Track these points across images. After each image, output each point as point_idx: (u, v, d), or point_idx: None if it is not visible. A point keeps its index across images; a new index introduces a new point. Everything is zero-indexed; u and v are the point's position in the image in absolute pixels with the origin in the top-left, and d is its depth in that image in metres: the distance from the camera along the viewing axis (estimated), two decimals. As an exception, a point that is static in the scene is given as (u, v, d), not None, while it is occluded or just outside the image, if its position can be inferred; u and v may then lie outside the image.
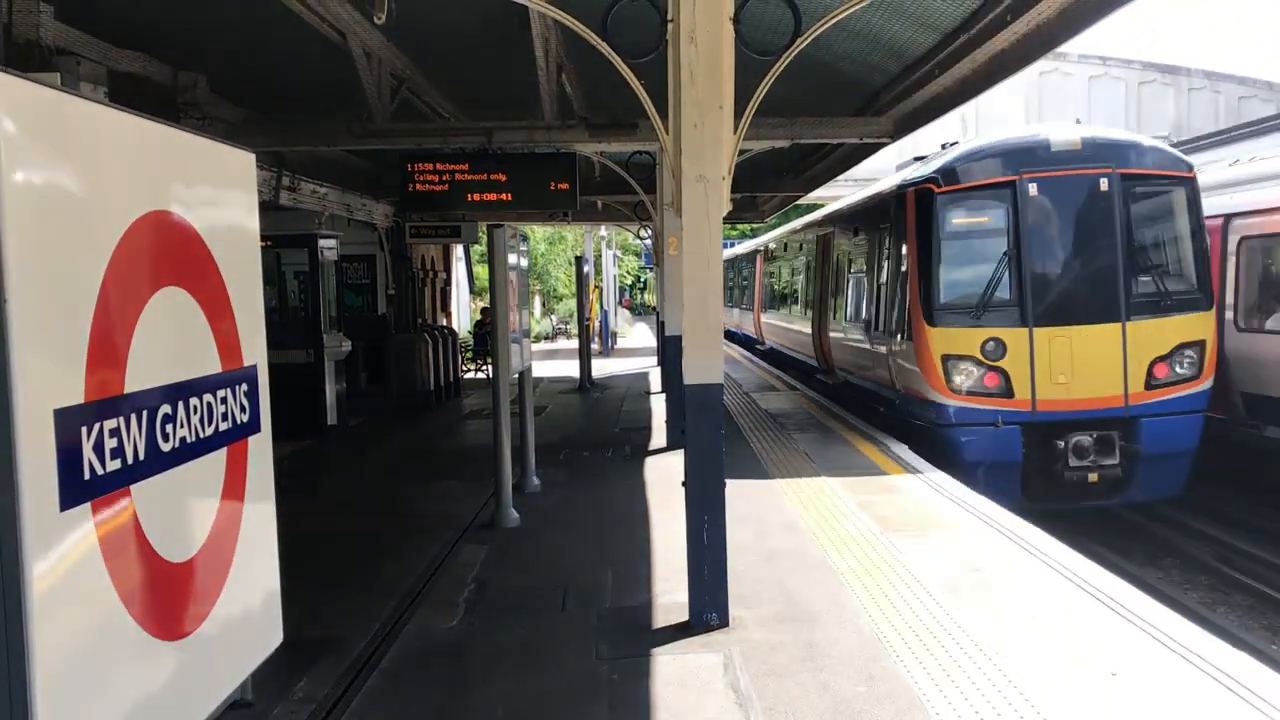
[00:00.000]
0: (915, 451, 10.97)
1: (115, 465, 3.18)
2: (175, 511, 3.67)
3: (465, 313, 33.93)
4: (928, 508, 8.47)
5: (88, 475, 3.02)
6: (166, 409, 3.57)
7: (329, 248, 14.65)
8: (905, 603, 6.06)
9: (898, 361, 12.13)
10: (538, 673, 5.38)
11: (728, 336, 29.66)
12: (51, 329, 2.93)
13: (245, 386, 4.34)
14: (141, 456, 3.36)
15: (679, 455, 6.67)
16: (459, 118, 13.28)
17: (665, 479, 10.04)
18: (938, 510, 8.38)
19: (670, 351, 13.44)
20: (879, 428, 12.66)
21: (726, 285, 33.83)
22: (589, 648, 5.66)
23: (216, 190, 4.32)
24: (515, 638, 5.90)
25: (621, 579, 6.90)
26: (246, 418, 4.33)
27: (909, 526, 7.85)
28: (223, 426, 4.07)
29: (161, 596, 3.52)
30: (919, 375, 11.31)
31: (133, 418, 3.31)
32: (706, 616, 5.81)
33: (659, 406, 15.88)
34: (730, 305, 33.75)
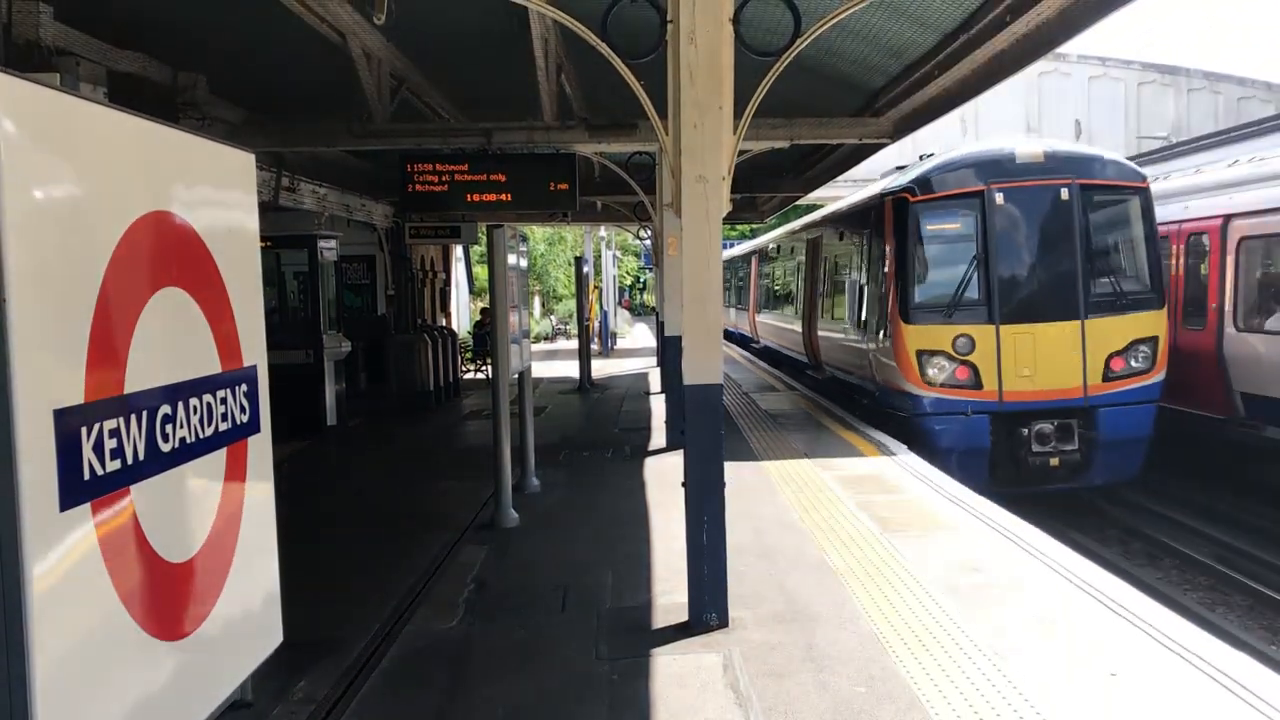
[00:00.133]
0: (895, 438, 11.69)
1: (115, 465, 3.18)
2: (175, 512, 3.67)
3: (465, 313, 33.93)
4: (927, 507, 8.47)
5: (87, 475, 3.02)
6: (166, 409, 3.57)
7: (328, 248, 14.65)
8: (905, 603, 6.06)
9: (878, 357, 12.93)
10: (537, 673, 5.38)
11: (724, 335, 29.90)
12: (51, 329, 2.93)
13: (245, 387, 4.34)
14: (141, 457, 3.36)
15: (678, 456, 6.67)
16: (458, 118, 13.28)
17: (665, 479, 10.04)
18: (937, 510, 8.38)
19: (670, 352, 13.44)
20: (862, 419, 13.39)
21: (724, 286, 34.03)
22: (589, 648, 5.66)
23: (216, 191, 4.32)
24: (515, 638, 5.90)
25: (621, 579, 6.90)
26: (246, 418, 4.34)
27: (909, 527, 7.85)
28: (222, 427, 4.08)
29: (161, 597, 3.52)
30: (896, 370, 12.16)
31: (132, 418, 3.31)
32: (706, 617, 5.81)
33: (658, 407, 15.89)
34: (727, 305, 33.92)
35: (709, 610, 5.81)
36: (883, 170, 19.35)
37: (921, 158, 14.38)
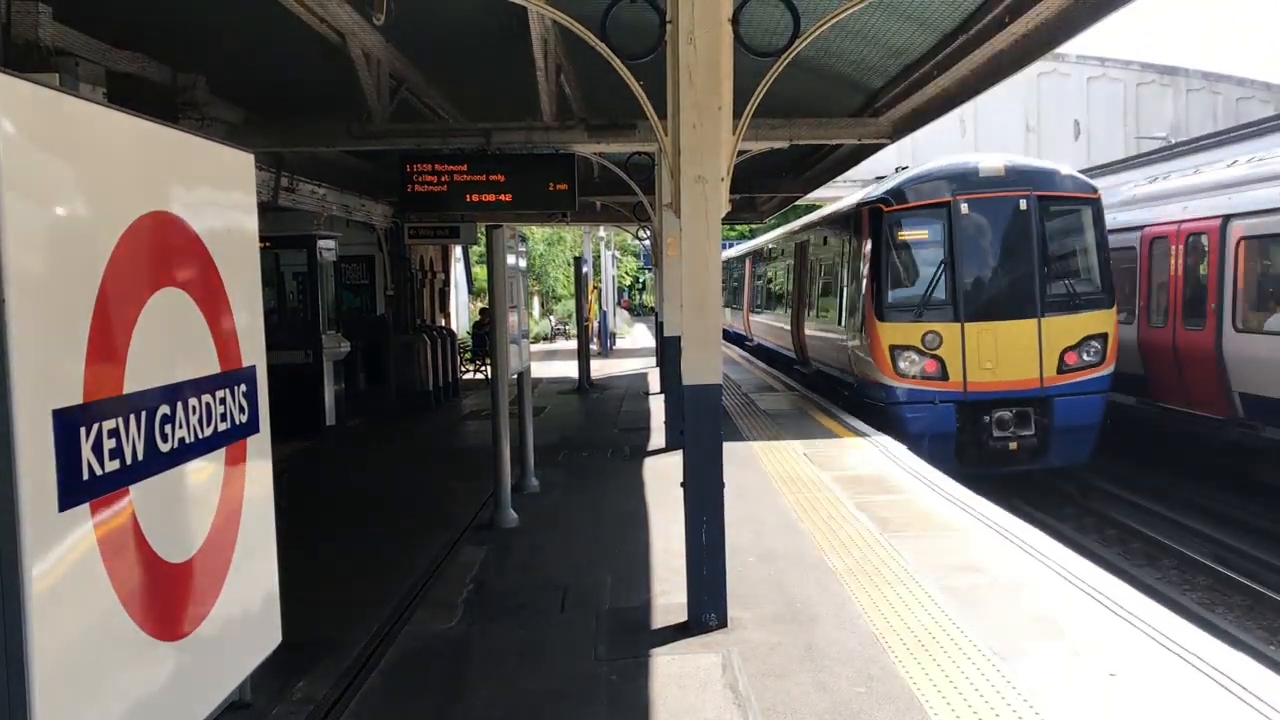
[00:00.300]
0: (872, 426, 12.84)
1: (114, 466, 3.18)
2: (174, 512, 3.67)
3: (464, 313, 33.93)
4: (927, 508, 8.48)
5: (86, 476, 3.02)
6: (165, 409, 3.57)
7: (328, 248, 14.65)
8: (904, 603, 6.06)
9: (856, 352, 14.18)
10: (536, 673, 5.38)
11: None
12: (50, 329, 2.93)
13: (244, 387, 4.34)
14: (140, 457, 3.36)
15: (678, 456, 6.67)
16: (458, 118, 13.28)
17: (664, 480, 10.04)
18: (936, 511, 8.38)
19: (669, 352, 13.44)
20: (843, 408, 14.62)
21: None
22: (588, 648, 5.66)
23: (215, 191, 4.32)
24: (514, 638, 5.90)
25: (620, 580, 6.90)
26: (245, 418, 4.33)
27: (908, 527, 7.85)
28: (221, 427, 4.08)
29: (160, 597, 3.52)
30: (872, 363, 13.38)
31: (131, 418, 3.31)
32: (705, 617, 5.81)
33: (658, 407, 15.87)
34: (723, 305, 34.12)
35: (708, 610, 5.81)
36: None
37: (897, 170, 15.73)
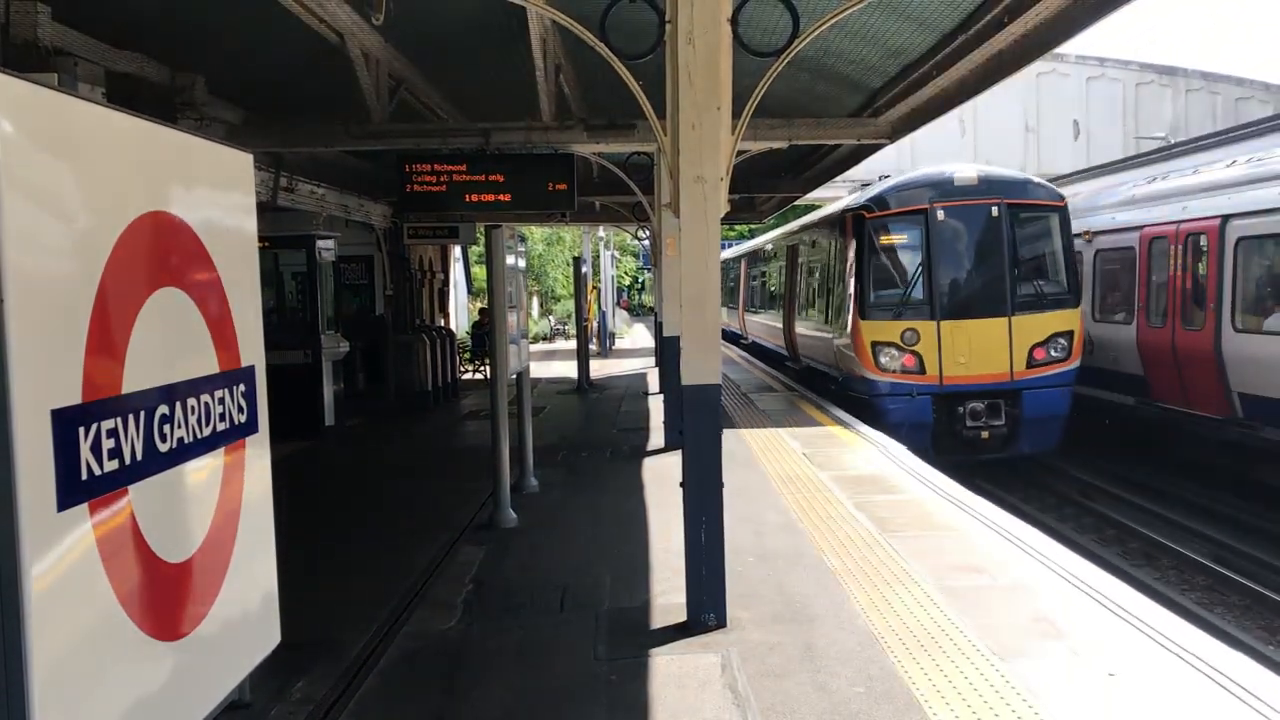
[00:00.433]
0: (857, 417, 13.72)
1: (113, 466, 3.18)
2: (173, 512, 3.67)
3: (463, 313, 33.93)
4: (926, 508, 8.48)
5: (85, 476, 3.02)
6: (164, 409, 3.56)
7: (327, 248, 14.64)
8: (903, 603, 6.06)
9: (841, 348, 15.22)
10: (536, 673, 5.38)
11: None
12: (49, 329, 2.92)
13: (243, 387, 4.34)
14: (139, 457, 3.36)
15: (677, 456, 6.67)
16: (457, 118, 13.28)
17: (663, 480, 10.04)
18: (936, 511, 8.38)
19: (668, 352, 13.45)
20: (830, 401, 15.58)
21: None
22: (587, 648, 5.66)
23: (214, 191, 4.32)
24: (513, 638, 5.90)
25: (619, 580, 6.90)
26: (244, 418, 4.33)
27: (908, 527, 7.85)
28: (220, 427, 4.07)
29: (159, 597, 3.52)
30: (855, 359, 14.38)
31: (130, 418, 3.31)
32: (704, 617, 5.81)
33: (657, 407, 15.87)
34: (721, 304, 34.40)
35: (707, 610, 5.81)
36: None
37: (880, 178, 16.88)
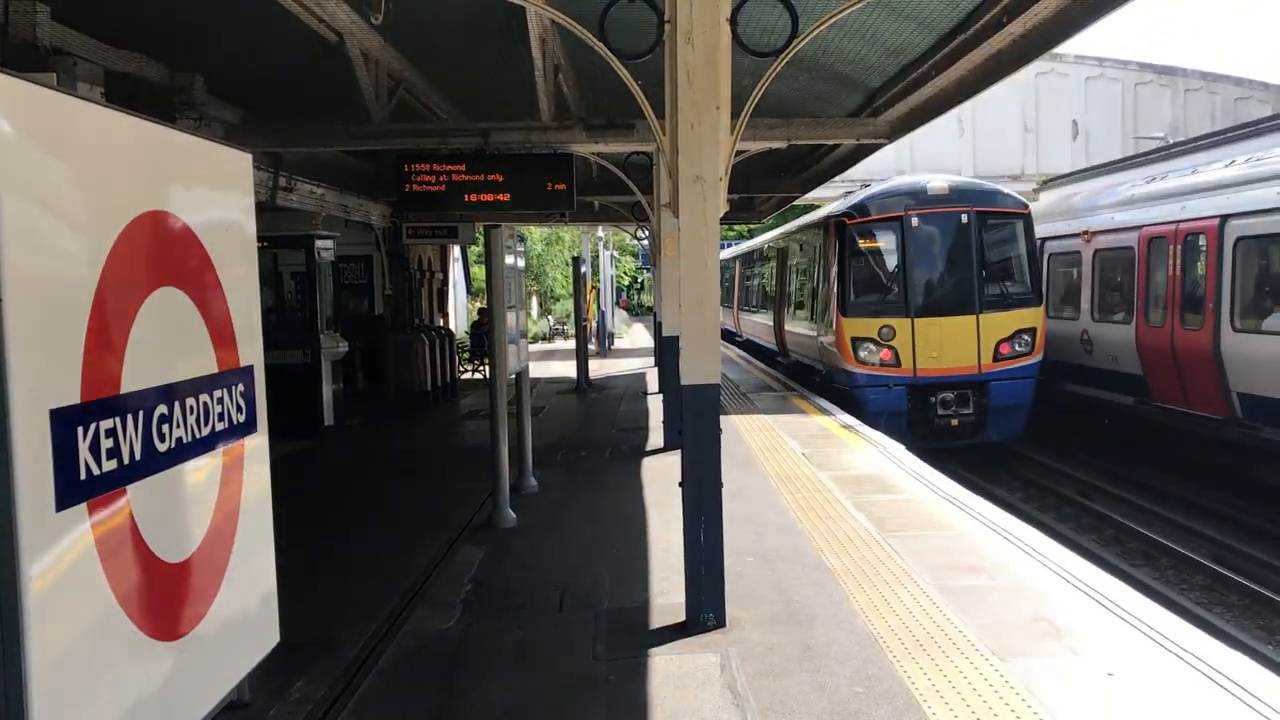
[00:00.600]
0: (839, 407, 14.86)
1: (111, 465, 3.17)
2: (172, 512, 3.67)
3: (462, 313, 33.93)
4: (925, 508, 8.48)
5: (84, 475, 3.02)
6: (163, 409, 3.56)
7: (326, 248, 14.63)
8: (902, 603, 6.06)
9: (825, 344, 16.61)
10: (535, 673, 5.38)
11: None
12: (48, 329, 2.92)
13: (242, 387, 4.34)
14: (138, 457, 3.35)
15: (676, 456, 6.67)
16: (456, 118, 13.26)
17: (662, 479, 10.04)
18: (935, 511, 8.38)
19: (667, 352, 13.45)
20: (815, 393, 16.80)
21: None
22: (586, 648, 5.65)
23: (213, 191, 4.31)
24: (512, 638, 5.90)
25: (618, 579, 6.90)
26: (243, 418, 4.33)
27: (907, 527, 7.85)
28: (219, 427, 4.07)
29: (158, 597, 3.51)
30: (837, 353, 15.73)
31: (129, 418, 3.31)
32: (704, 617, 5.80)
33: (656, 407, 15.87)
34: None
35: (706, 610, 5.81)
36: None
37: (862, 185, 18.67)
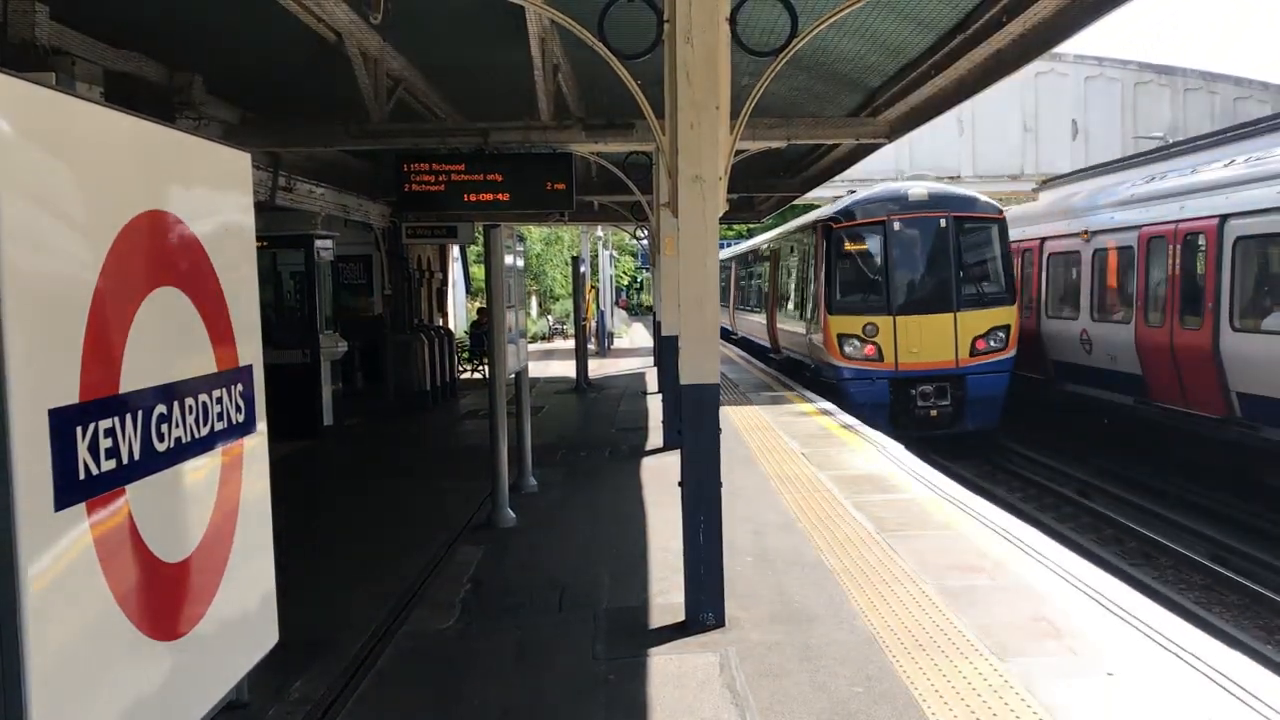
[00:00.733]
0: (827, 399, 15.91)
1: (110, 465, 3.17)
2: (171, 511, 3.66)
3: (462, 313, 33.93)
4: (924, 508, 8.48)
5: (83, 475, 3.01)
6: (162, 409, 3.56)
7: (325, 248, 14.62)
8: (901, 603, 6.06)
9: (813, 340, 17.77)
10: (534, 673, 5.37)
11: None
12: (46, 328, 2.92)
13: (241, 387, 4.33)
14: (137, 456, 3.35)
15: (675, 455, 6.67)
16: (455, 118, 13.26)
17: (661, 479, 10.04)
18: (934, 511, 8.38)
19: (667, 352, 13.45)
20: (804, 386, 18.00)
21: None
22: (585, 648, 5.65)
23: (212, 190, 4.31)
24: (512, 638, 5.90)
25: (618, 579, 6.90)
26: (242, 418, 4.33)
27: (906, 527, 7.85)
28: (218, 427, 4.07)
29: (157, 596, 3.51)
30: (824, 349, 16.79)
31: (128, 418, 3.31)
32: (703, 616, 5.80)
33: (655, 407, 15.87)
34: None
35: (706, 610, 5.81)
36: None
37: (849, 192, 19.71)
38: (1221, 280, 12.49)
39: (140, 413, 3.40)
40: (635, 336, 44.62)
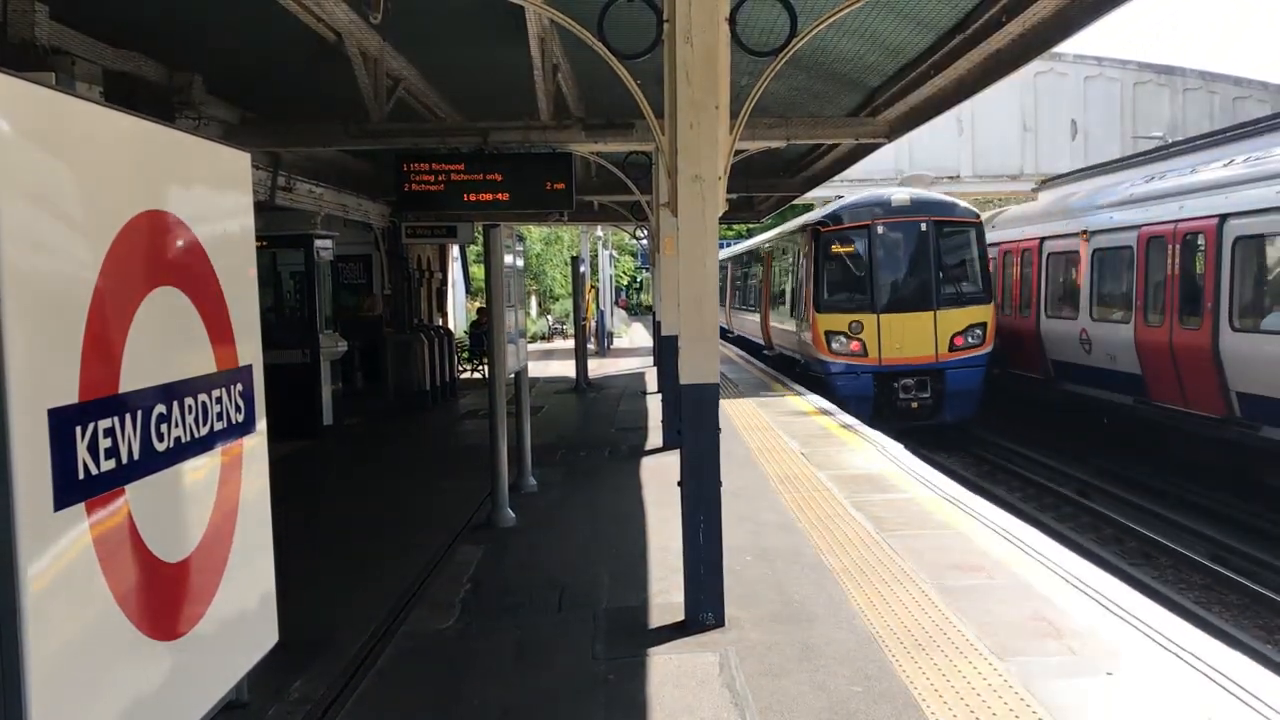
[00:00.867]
0: (815, 393, 16.74)
1: (110, 465, 3.17)
2: (170, 511, 3.66)
3: (461, 313, 33.92)
4: (924, 507, 8.48)
5: (82, 475, 3.01)
6: (161, 409, 3.56)
7: (325, 248, 14.62)
8: (901, 602, 6.06)
9: (803, 337, 18.83)
10: (534, 673, 5.37)
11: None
12: (46, 328, 2.92)
13: (240, 386, 4.33)
14: (136, 456, 3.35)
15: (675, 455, 6.66)
16: (455, 118, 13.27)
17: (661, 479, 10.04)
18: (934, 510, 8.38)
19: (666, 351, 13.45)
20: (794, 380, 19.07)
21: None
22: (585, 648, 5.65)
23: (212, 190, 4.31)
24: (511, 638, 5.90)
25: (617, 579, 6.90)
26: (242, 417, 4.33)
27: (906, 526, 7.85)
28: (218, 426, 4.07)
29: (157, 596, 3.51)
30: (813, 345, 17.90)
31: (127, 417, 3.30)
32: (702, 616, 5.80)
33: (655, 406, 15.87)
34: None
35: (705, 610, 5.81)
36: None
37: (837, 198, 21.18)
38: (1221, 280, 12.49)
39: (140, 412, 3.40)
40: (635, 336, 44.62)
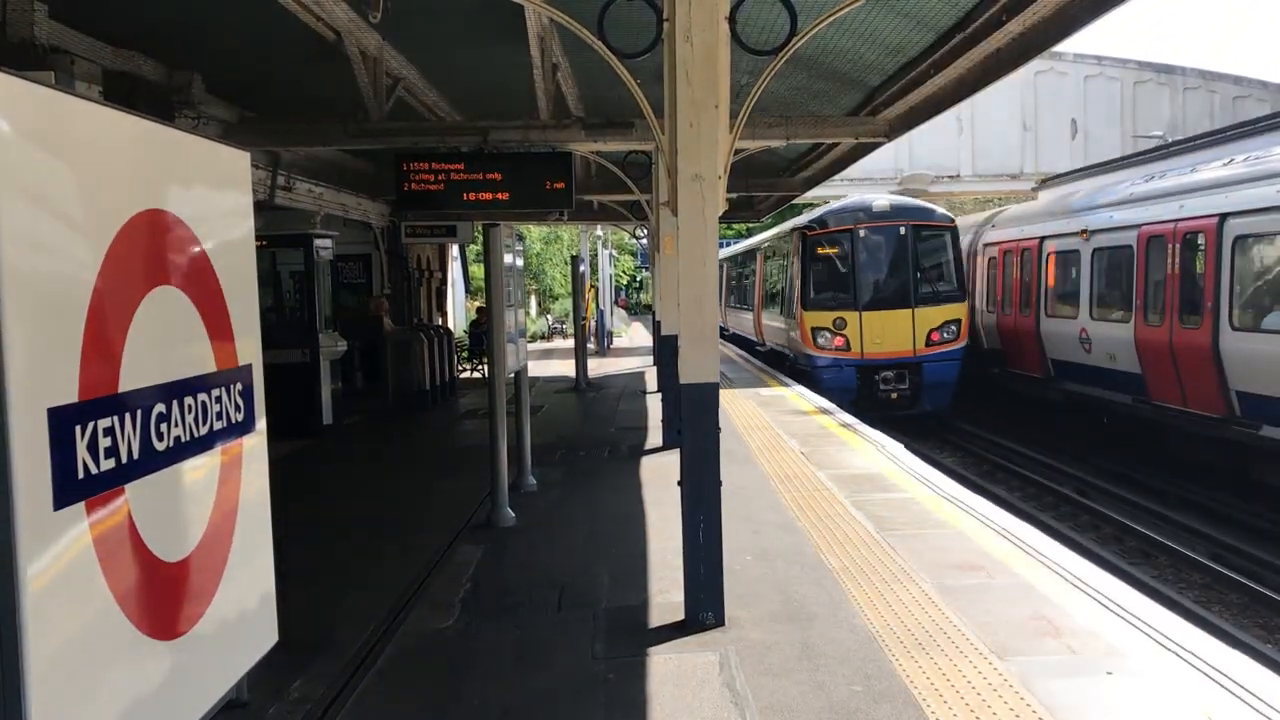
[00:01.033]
0: (802, 385, 18.13)
1: (110, 464, 3.17)
2: (170, 511, 3.66)
3: (461, 312, 33.91)
4: (924, 507, 8.48)
5: (82, 474, 3.01)
6: (161, 408, 3.55)
7: (324, 247, 14.62)
8: (901, 602, 6.06)
9: (790, 333, 20.40)
10: (534, 672, 5.37)
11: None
12: (45, 327, 2.91)
13: (240, 386, 4.33)
14: (136, 456, 3.34)
15: (675, 455, 6.66)
16: (454, 117, 13.26)
17: (661, 478, 10.04)
18: (934, 510, 8.38)
19: (666, 351, 13.45)
20: (784, 373, 20.41)
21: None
22: (585, 647, 5.65)
23: (211, 190, 4.30)
24: (511, 637, 5.90)
25: (617, 579, 6.90)
26: (241, 417, 4.32)
27: (905, 526, 7.85)
28: (218, 426, 4.06)
29: (156, 596, 3.51)
30: (800, 340, 19.29)
31: (127, 417, 3.30)
32: (702, 616, 5.80)
33: (655, 406, 15.87)
34: None
35: (705, 609, 5.81)
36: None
37: (826, 202, 22.92)
38: (1221, 279, 12.48)
39: (139, 412, 3.39)
40: (635, 336, 44.61)
